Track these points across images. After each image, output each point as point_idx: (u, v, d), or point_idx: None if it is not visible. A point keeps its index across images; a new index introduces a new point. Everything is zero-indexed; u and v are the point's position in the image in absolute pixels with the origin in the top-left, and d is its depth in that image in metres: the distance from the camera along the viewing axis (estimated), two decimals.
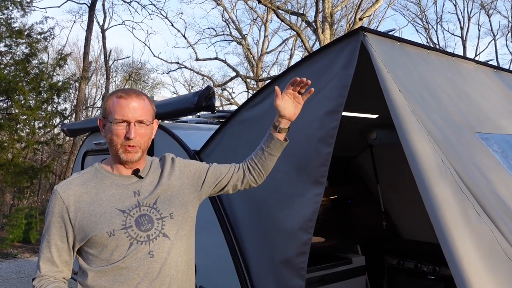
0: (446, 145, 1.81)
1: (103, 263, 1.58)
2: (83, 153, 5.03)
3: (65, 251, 1.62)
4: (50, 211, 1.62)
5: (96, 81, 23.41)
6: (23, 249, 10.48)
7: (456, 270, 1.45)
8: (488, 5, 22.34)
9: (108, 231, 1.56)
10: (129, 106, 1.62)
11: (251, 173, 1.90)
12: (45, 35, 11.68)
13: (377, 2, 11.73)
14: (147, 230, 1.61)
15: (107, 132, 1.65)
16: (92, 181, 1.66)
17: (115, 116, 1.61)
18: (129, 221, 1.60)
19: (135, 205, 1.64)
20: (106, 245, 1.57)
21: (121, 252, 1.57)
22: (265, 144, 1.88)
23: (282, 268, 2.38)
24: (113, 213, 1.60)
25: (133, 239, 1.59)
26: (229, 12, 20.02)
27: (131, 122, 1.61)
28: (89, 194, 1.62)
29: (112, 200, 1.62)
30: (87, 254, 1.61)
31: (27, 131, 11.04)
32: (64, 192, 1.61)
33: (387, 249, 4.15)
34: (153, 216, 1.65)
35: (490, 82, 2.72)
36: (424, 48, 2.38)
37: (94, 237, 1.56)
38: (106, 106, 1.66)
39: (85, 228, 1.58)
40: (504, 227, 1.64)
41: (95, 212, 1.59)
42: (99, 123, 1.72)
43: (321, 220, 4.41)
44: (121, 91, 1.68)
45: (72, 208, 1.59)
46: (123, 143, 1.62)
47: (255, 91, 2.65)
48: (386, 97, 1.82)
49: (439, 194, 1.58)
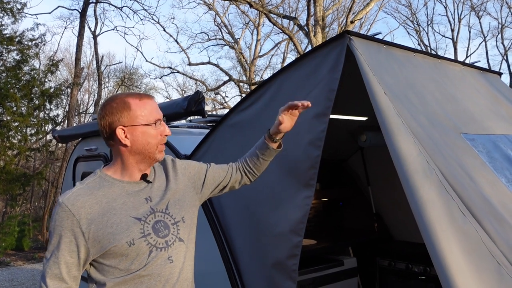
0: (432, 146, 1.84)
1: (122, 273, 1.53)
2: (75, 159, 5.01)
3: (75, 267, 1.54)
4: (57, 225, 1.52)
5: (89, 87, 23.34)
6: (16, 257, 10.40)
7: (441, 270, 1.47)
8: (478, 7, 22.55)
9: (128, 241, 1.52)
10: (155, 106, 1.62)
11: (247, 175, 1.93)
12: (36, 41, 11.65)
13: (368, 5, 11.81)
14: (164, 236, 1.60)
15: (139, 137, 1.58)
16: (99, 189, 1.57)
17: (150, 117, 1.58)
18: (147, 228, 1.57)
19: (150, 212, 1.60)
20: (126, 255, 1.53)
21: (142, 260, 1.54)
22: (260, 152, 1.89)
23: (274, 271, 2.39)
24: (129, 222, 1.55)
25: (153, 246, 1.56)
26: (221, 16, 20.07)
27: (162, 120, 1.62)
28: (99, 204, 1.54)
29: (126, 208, 1.57)
30: (102, 265, 1.55)
31: (19, 138, 10.98)
32: (73, 205, 1.51)
33: (379, 251, 4.16)
34: (168, 221, 1.63)
35: (476, 83, 2.76)
36: (410, 51, 2.41)
37: (113, 248, 1.51)
38: (131, 112, 1.57)
39: (101, 240, 1.51)
40: (489, 227, 1.66)
41: (110, 223, 1.52)
42: (119, 133, 1.57)
43: (312, 223, 4.42)
44: (135, 94, 1.63)
45: (84, 221, 1.51)
46: (159, 142, 1.61)
47: (245, 95, 2.67)
48: (372, 99, 1.85)
49: (424, 195, 1.60)
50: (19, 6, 11.27)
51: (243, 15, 20.48)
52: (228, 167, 1.93)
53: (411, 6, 23.91)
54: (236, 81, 18.98)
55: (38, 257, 10.34)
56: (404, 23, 24.26)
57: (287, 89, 2.39)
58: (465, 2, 23.23)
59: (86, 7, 13.05)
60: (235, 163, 1.96)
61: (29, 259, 10.24)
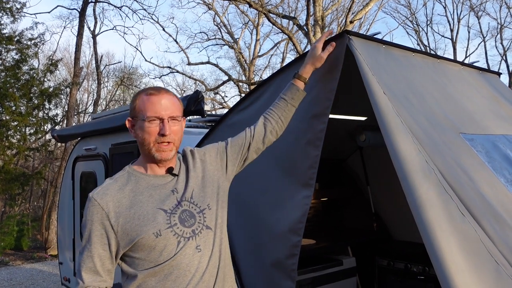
0: (431, 146, 1.84)
1: (151, 265, 1.55)
2: (74, 159, 5.02)
3: (108, 260, 1.57)
4: (88, 219, 1.56)
5: (88, 87, 23.32)
6: (14, 257, 10.39)
7: (440, 270, 1.47)
8: (477, 7, 22.55)
9: (154, 232, 1.54)
10: (161, 102, 1.60)
11: (274, 127, 1.93)
12: (36, 41, 11.64)
13: (368, 5, 11.81)
14: (191, 225, 1.61)
15: (138, 131, 1.62)
16: (127, 185, 1.62)
17: (147, 113, 1.58)
18: (173, 219, 1.58)
19: (176, 203, 1.62)
20: (154, 247, 1.54)
21: (170, 251, 1.55)
22: (288, 96, 1.95)
23: (273, 271, 2.39)
24: (156, 213, 1.57)
25: (180, 236, 1.57)
26: (221, 16, 20.05)
27: (164, 118, 1.59)
28: (127, 197, 1.59)
29: (152, 200, 1.60)
30: (133, 258, 1.58)
31: (18, 137, 10.97)
32: (102, 199, 1.56)
33: (378, 251, 4.17)
34: (193, 210, 1.64)
35: (475, 83, 2.76)
36: (409, 51, 2.41)
37: (140, 240, 1.53)
38: (136, 105, 1.63)
39: (130, 232, 1.54)
40: (488, 227, 1.67)
41: (137, 215, 1.56)
42: (127, 124, 1.68)
43: (311, 222, 4.42)
44: (150, 88, 1.65)
45: (112, 214, 1.55)
46: (156, 141, 1.60)
47: (244, 95, 2.67)
48: (371, 99, 1.85)
49: (423, 195, 1.60)
50: (18, 6, 11.26)
51: (243, 15, 20.46)
52: (245, 133, 1.91)
53: (410, 6, 23.96)
54: (235, 81, 18.96)
55: (37, 257, 10.33)
56: (403, 23, 24.26)
57: None
58: (464, 2, 23.24)
59: (85, 7, 13.03)
60: (254, 124, 1.94)
61: (27, 258, 10.24)
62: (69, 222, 5.12)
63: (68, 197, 5.18)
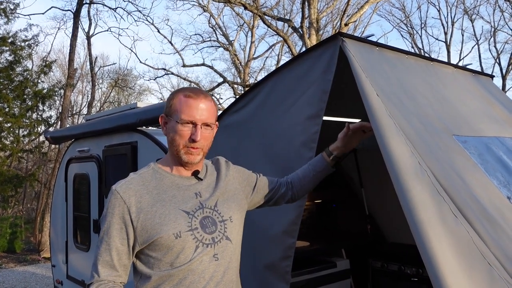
0: (424, 147, 1.84)
1: (166, 267, 1.51)
2: (67, 161, 4.99)
3: (125, 255, 1.54)
4: (109, 212, 1.54)
5: (82, 88, 23.26)
6: (7, 259, 10.32)
7: (432, 271, 1.47)
8: (471, 11, 22.72)
9: (174, 233, 1.50)
10: (198, 107, 1.57)
11: (295, 195, 1.99)
12: (29, 42, 11.61)
13: (362, 8, 11.86)
14: (211, 233, 1.57)
15: (170, 131, 1.61)
16: (151, 181, 1.59)
17: (182, 116, 1.56)
18: (194, 222, 1.55)
19: (198, 207, 1.59)
20: (171, 248, 1.51)
21: (187, 255, 1.51)
22: (318, 171, 1.99)
23: (267, 272, 2.39)
24: (177, 214, 1.54)
25: (199, 241, 1.54)
26: (216, 18, 20.07)
27: (198, 124, 1.57)
28: (150, 194, 1.56)
29: (175, 201, 1.57)
30: (148, 257, 1.54)
31: (11, 139, 10.92)
32: (125, 192, 1.53)
33: (372, 253, 4.17)
34: (216, 218, 1.61)
35: (468, 86, 2.77)
36: (402, 53, 2.42)
37: (159, 239, 1.50)
38: (172, 104, 1.60)
39: (149, 229, 1.51)
40: (481, 228, 1.67)
41: (159, 213, 1.52)
42: (160, 120, 1.67)
43: (305, 224, 4.42)
44: (189, 89, 1.63)
45: (133, 208, 1.52)
46: (186, 144, 1.57)
47: (238, 97, 2.67)
48: (364, 101, 1.85)
49: (416, 196, 1.60)
50: (12, 7, 11.24)
51: (238, 17, 20.52)
52: (277, 180, 1.96)
53: (404, 9, 24.12)
54: (230, 83, 18.97)
55: (30, 259, 10.26)
56: (397, 26, 24.43)
57: (280, 90, 2.39)
58: (458, 6, 23.46)
59: (80, 8, 13.00)
60: (283, 179, 1.99)
61: (20, 261, 10.17)
62: (62, 225, 5.10)
63: (61, 199, 5.16)
